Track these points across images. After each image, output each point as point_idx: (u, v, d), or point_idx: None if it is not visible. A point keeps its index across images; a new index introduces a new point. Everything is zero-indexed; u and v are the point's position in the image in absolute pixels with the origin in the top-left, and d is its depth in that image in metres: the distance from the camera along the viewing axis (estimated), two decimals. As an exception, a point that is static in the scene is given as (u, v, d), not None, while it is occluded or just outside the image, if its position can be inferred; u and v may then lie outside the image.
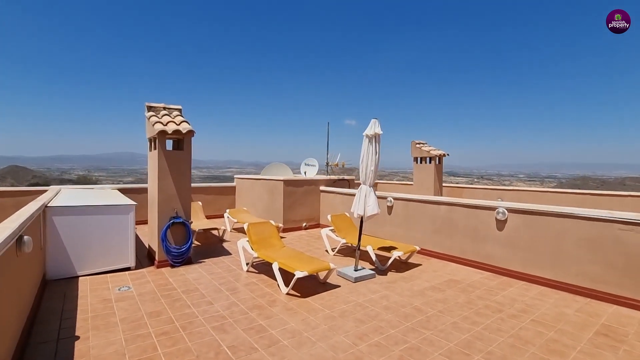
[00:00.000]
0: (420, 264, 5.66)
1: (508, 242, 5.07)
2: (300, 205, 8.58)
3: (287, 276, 4.48)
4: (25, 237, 2.79)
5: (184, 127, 5.35)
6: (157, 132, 5.13)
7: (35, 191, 7.41)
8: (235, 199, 10.48)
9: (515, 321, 3.60)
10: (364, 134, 4.87)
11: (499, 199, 10.69)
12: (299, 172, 10.55)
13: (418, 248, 5.60)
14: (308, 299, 4.15)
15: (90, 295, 4.14)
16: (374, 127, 4.81)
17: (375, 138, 4.82)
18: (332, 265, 4.48)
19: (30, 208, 3.75)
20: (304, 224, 8.65)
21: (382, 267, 5.35)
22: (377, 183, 14.46)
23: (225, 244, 7.01)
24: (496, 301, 4.13)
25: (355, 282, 4.74)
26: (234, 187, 10.50)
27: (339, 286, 4.61)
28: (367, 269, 5.12)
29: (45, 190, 7.12)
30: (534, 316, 3.72)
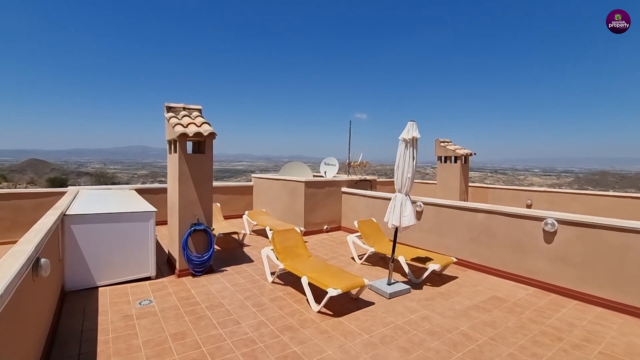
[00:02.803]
0: (457, 277, 5.26)
1: (557, 257, 4.61)
2: (321, 207, 8.25)
3: (316, 290, 4.17)
4: (42, 260, 2.53)
5: (206, 129, 5.04)
6: (177, 134, 4.84)
7: (54, 192, 7.28)
8: (252, 198, 10.23)
9: (580, 353, 3.19)
10: (399, 137, 4.47)
11: (528, 201, 10.15)
12: (308, 165, 10.21)
13: (455, 259, 5.20)
14: (342, 319, 3.82)
15: (110, 311, 3.92)
16: (411, 131, 4.39)
17: (412, 142, 4.41)
18: (366, 282, 4.13)
19: (48, 221, 3.52)
20: (325, 227, 8.32)
21: (415, 280, 4.98)
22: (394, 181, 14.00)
23: (245, 249, 6.75)
24: (552, 326, 3.71)
25: (390, 299, 4.39)
26: (252, 187, 10.24)
27: (373, 303, 4.27)
28: (400, 283, 4.75)
29: (64, 192, 6.97)
30: (600, 347, 3.30)
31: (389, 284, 4.65)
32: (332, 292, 3.79)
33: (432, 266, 4.80)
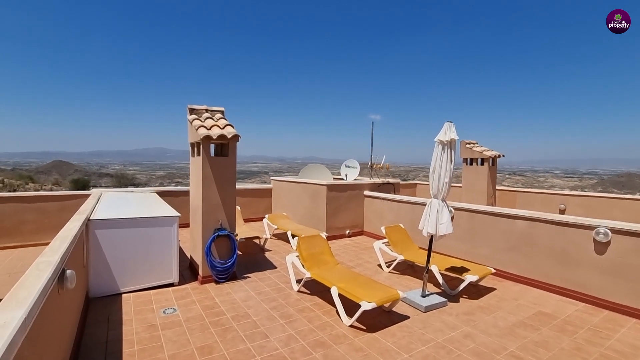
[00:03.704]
0: (494, 288, 4.90)
1: (612, 269, 4.20)
2: (343, 211, 8.00)
3: (345, 301, 3.92)
4: (68, 271, 2.38)
5: (229, 132, 4.89)
6: (201, 137, 4.71)
7: (78, 195, 7.33)
8: (271, 201, 10.08)
9: (653, 383, 2.82)
10: (435, 139, 4.17)
11: (561, 205, 9.59)
12: (319, 163, 10.00)
13: (493, 270, 4.84)
14: (376, 335, 3.55)
15: (135, 320, 3.78)
16: (448, 132, 4.10)
17: (449, 144, 4.11)
18: (401, 294, 3.85)
19: (73, 227, 3.41)
20: (347, 232, 8.07)
21: (451, 291, 4.66)
22: (417, 184, 13.60)
23: (267, 254, 6.57)
24: (613, 349, 3.33)
25: (425, 312, 4.10)
26: (271, 190, 10.09)
27: (408, 317, 3.98)
28: (435, 295, 4.45)
29: (88, 195, 6.99)
30: (675, 376, 2.92)
31: (424, 295, 4.35)
32: (366, 305, 3.53)
33: (469, 277, 4.47)
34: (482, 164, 9.34)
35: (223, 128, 4.96)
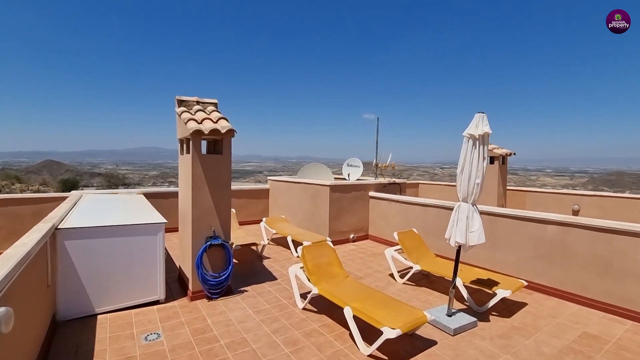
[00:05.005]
0: (526, 303, 4.34)
1: (665, 283, 3.67)
2: (347, 213, 7.40)
3: (360, 321, 3.32)
4: (1, 310, 1.73)
5: (223, 126, 4.25)
6: (190, 131, 4.07)
7: (56, 198, 6.61)
8: (268, 203, 9.45)
9: None
10: (464, 134, 3.58)
11: (575, 206, 9.11)
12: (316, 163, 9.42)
13: (525, 283, 4.27)
14: (402, 368, 2.96)
15: (109, 350, 3.14)
16: (480, 125, 3.51)
17: (482, 139, 3.53)
18: (428, 317, 3.26)
19: (30, 240, 2.75)
20: (351, 236, 7.47)
21: (478, 308, 4.08)
22: (419, 184, 13.04)
23: (265, 262, 5.94)
24: (687, 384, 2.79)
25: (454, 335, 3.51)
26: (268, 190, 9.46)
27: (435, 342, 3.39)
28: (462, 313, 3.86)
29: (66, 197, 6.29)
30: None
31: (449, 314, 3.76)
32: (389, 333, 2.93)
33: (501, 292, 3.89)
34: (491, 162, 8.84)
35: (216, 122, 4.32)
